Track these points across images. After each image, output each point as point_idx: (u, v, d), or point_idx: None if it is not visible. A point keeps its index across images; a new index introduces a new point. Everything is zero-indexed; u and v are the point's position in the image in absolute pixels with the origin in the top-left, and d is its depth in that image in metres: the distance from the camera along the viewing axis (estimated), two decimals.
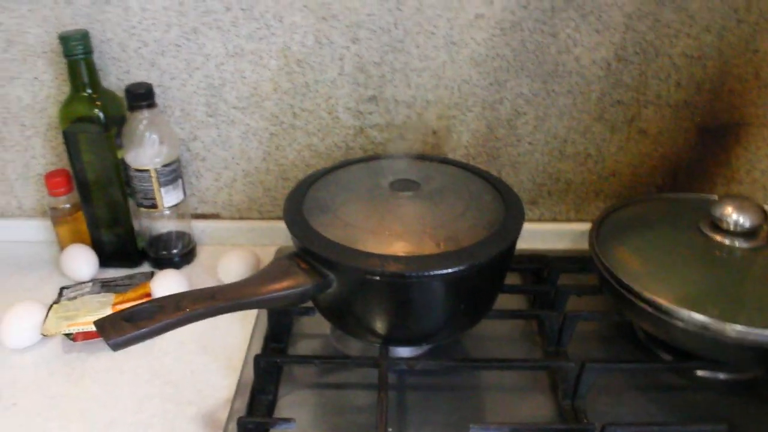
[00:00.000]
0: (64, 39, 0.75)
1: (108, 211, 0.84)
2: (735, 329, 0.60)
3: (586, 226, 0.84)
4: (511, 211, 0.67)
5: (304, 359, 0.69)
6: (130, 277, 0.84)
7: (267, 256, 0.86)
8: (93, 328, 0.72)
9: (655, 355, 0.72)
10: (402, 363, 0.66)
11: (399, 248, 0.61)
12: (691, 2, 0.75)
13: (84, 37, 0.75)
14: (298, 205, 0.67)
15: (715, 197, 0.75)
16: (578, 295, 0.76)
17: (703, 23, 0.77)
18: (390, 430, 0.64)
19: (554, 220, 0.90)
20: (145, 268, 0.87)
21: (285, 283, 0.61)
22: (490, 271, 0.64)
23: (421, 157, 0.76)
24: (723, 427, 0.59)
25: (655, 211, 0.77)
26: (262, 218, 0.91)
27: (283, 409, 0.66)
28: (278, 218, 0.91)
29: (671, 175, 0.86)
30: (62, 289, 0.82)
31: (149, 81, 0.81)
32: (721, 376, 0.69)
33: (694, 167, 0.86)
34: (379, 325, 0.64)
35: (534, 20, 0.77)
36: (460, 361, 0.68)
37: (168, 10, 0.78)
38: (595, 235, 0.73)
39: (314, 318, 0.73)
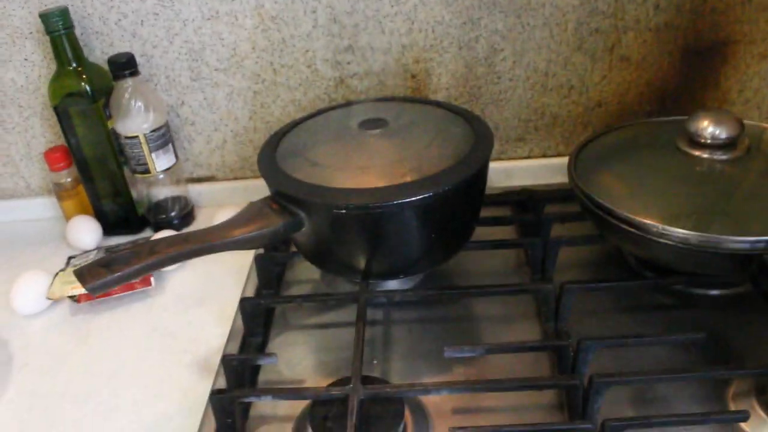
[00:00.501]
0: (45, 16, 0.79)
1: (106, 181, 0.88)
2: (713, 238, 0.60)
3: None
4: (479, 139, 0.68)
5: (287, 299, 0.72)
6: (132, 242, 0.89)
7: None
8: None
9: (639, 276, 0.72)
10: (381, 296, 0.69)
11: (366, 182, 0.63)
12: None
13: (63, 12, 0.79)
14: (270, 153, 0.70)
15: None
16: (561, 222, 0.77)
17: None
18: (375, 362, 0.66)
19: (544, 155, 0.90)
20: (147, 233, 0.92)
21: (256, 225, 0.63)
22: (459, 199, 0.65)
23: (394, 99, 0.78)
24: (701, 336, 0.59)
25: (634, 136, 0.77)
26: (255, 176, 0.94)
27: (272, 349, 0.69)
28: None
29: (659, 101, 0.86)
30: (69, 258, 0.87)
31: (132, 51, 0.85)
32: (706, 291, 0.69)
33: (681, 91, 0.85)
34: (354, 260, 0.67)
35: None
36: (438, 289, 0.70)
37: None
38: (573, 162, 0.73)
39: (305, 264, 0.76)
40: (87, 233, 0.89)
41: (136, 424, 0.64)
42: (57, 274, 0.83)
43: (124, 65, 0.81)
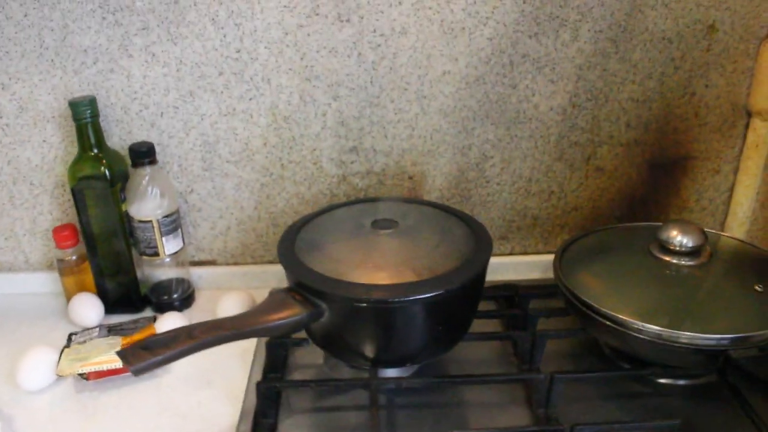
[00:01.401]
0: (74, 105, 0.86)
1: (112, 261, 0.94)
2: (685, 336, 0.71)
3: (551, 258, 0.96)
4: (480, 242, 0.78)
5: (301, 383, 0.78)
6: (134, 321, 0.94)
7: (261, 297, 0.96)
8: (104, 368, 0.83)
9: (619, 367, 0.82)
10: (390, 382, 0.77)
11: (382, 278, 0.72)
12: (633, 53, 0.89)
13: (92, 102, 0.87)
14: (290, 245, 0.78)
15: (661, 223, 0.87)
16: (547, 317, 0.87)
17: (645, 71, 0.90)
18: None
19: (524, 253, 1.01)
20: (148, 313, 0.97)
21: (282, 314, 0.71)
22: (464, 296, 0.75)
23: (397, 199, 0.88)
24: (677, 422, 0.69)
25: (611, 239, 0.89)
26: (255, 263, 1.02)
27: (282, 430, 0.76)
28: (270, 262, 1.02)
29: (628, 207, 0.98)
30: (71, 335, 0.92)
31: (150, 140, 0.93)
32: (677, 381, 0.79)
33: (647, 199, 0.98)
34: (367, 349, 0.75)
35: (495, 74, 0.90)
36: (442, 377, 0.78)
37: (167, 76, 0.90)
38: (558, 262, 0.84)
39: (308, 349, 0.84)
40: (90, 310, 0.94)
41: None
42: (62, 350, 0.87)
43: (145, 154, 0.89)
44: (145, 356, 0.64)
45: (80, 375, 0.83)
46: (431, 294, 0.70)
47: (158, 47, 0.88)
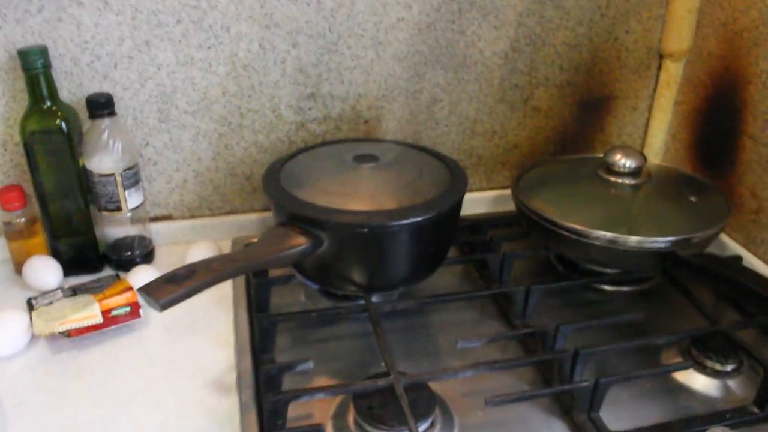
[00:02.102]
0: (24, 54, 0.84)
1: (67, 220, 0.93)
2: (636, 240, 0.83)
3: (496, 193, 1.09)
4: (454, 172, 0.86)
5: (302, 314, 0.83)
6: (97, 280, 0.93)
7: (225, 248, 0.99)
8: (85, 324, 0.82)
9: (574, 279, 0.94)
10: (386, 305, 0.83)
11: (376, 206, 0.78)
12: (566, 1, 1.00)
13: (43, 51, 0.85)
14: (276, 183, 0.82)
15: (599, 155, 0.99)
16: (508, 242, 0.97)
17: (577, 18, 1.02)
18: (382, 364, 0.80)
19: (469, 190, 1.10)
20: (107, 272, 0.96)
21: (288, 244, 0.75)
22: (450, 219, 0.82)
23: (366, 139, 0.94)
24: (641, 316, 0.81)
25: (557, 169, 1.01)
26: (213, 215, 1.03)
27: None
28: (228, 213, 1.04)
29: (560, 144, 1.10)
30: (30, 299, 0.89)
31: (102, 92, 0.91)
32: (631, 287, 0.92)
33: (577, 136, 1.10)
34: (363, 275, 0.81)
35: (445, 21, 0.98)
36: (436, 296, 0.85)
37: (121, 25, 0.89)
38: (516, 189, 0.94)
39: (287, 288, 0.89)
40: (48, 273, 0.91)
41: None
42: (30, 313, 0.85)
43: (104, 105, 0.88)
44: (170, 289, 0.66)
45: (61, 333, 0.82)
46: (425, 217, 0.77)
47: None
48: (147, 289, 0.66)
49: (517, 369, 0.78)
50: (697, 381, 0.77)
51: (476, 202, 1.09)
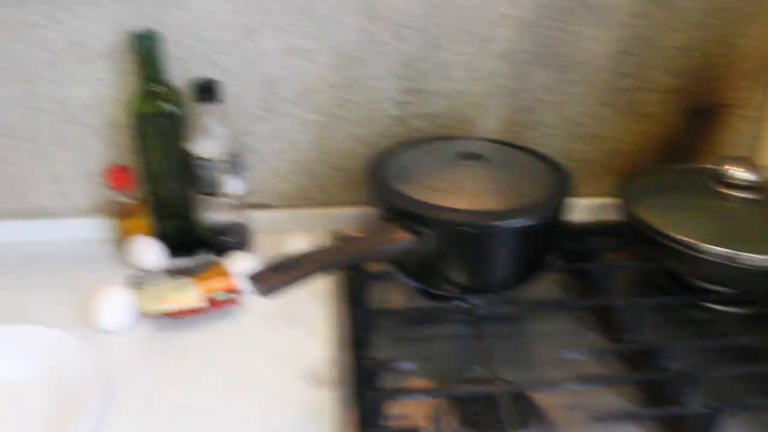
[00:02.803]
0: (138, 38, 0.85)
1: (170, 202, 0.94)
2: (753, 258, 0.79)
3: (600, 200, 1.04)
4: (562, 174, 0.84)
5: (402, 311, 0.82)
6: (196, 263, 0.94)
7: (320, 239, 0.99)
8: (187, 306, 0.84)
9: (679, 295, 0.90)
10: (487, 309, 0.81)
11: (480, 206, 0.76)
12: (680, 1, 0.96)
13: (156, 35, 0.86)
14: (381, 177, 0.81)
15: (708, 165, 0.95)
16: (614, 251, 0.94)
17: (690, 20, 0.97)
18: (476, 368, 0.78)
19: None
20: (205, 255, 0.97)
21: (391, 240, 0.75)
22: (556, 223, 0.80)
23: (470, 137, 0.92)
24: (756, 340, 0.77)
25: (662, 179, 0.96)
26: (309, 206, 1.04)
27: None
28: (324, 205, 1.04)
29: (666, 151, 1.06)
30: (133, 277, 0.91)
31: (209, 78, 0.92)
32: (739, 309, 0.88)
33: (684, 144, 1.06)
34: (464, 275, 0.79)
35: (552, 19, 0.95)
36: (538, 303, 0.84)
37: (231, 12, 0.90)
38: (623, 198, 0.91)
39: (382, 283, 0.89)
40: (151, 253, 0.94)
41: (267, 428, 0.71)
42: (135, 291, 0.87)
43: (210, 90, 0.89)
44: (277, 277, 0.67)
45: (164, 313, 0.83)
46: (534, 219, 0.75)
47: None
48: (254, 276, 0.66)
49: (620, 387, 0.76)
50: None
51: (579, 208, 1.06)
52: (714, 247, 0.80)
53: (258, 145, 0.98)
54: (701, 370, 0.71)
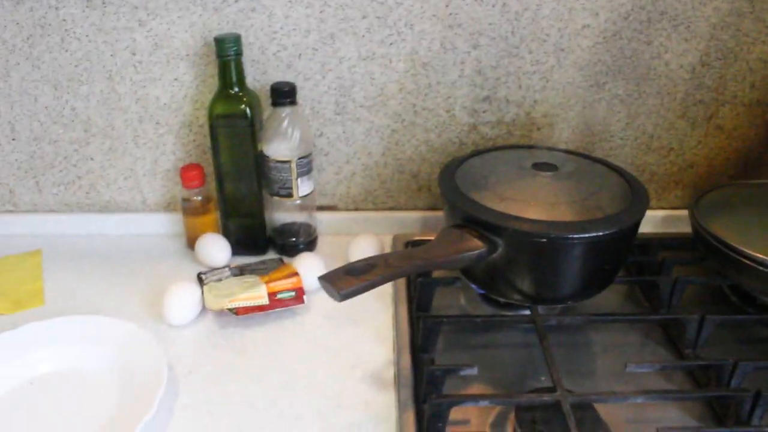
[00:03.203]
0: (220, 41, 0.88)
1: (240, 201, 0.97)
2: None
3: (666, 213, 1.04)
4: (636, 188, 0.83)
5: (466, 317, 0.82)
6: (262, 262, 0.97)
7: (386, 242, 1.00)
8: (252, 303, 0.86)
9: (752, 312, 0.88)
10: (553, 318, 0.81)
11: (555, 217, 0.76)
12: (766, 13, 0.94)
13: (237, 39, 0.89)
14: (453, 184, 0.82)
15: None
16: (681, 265, 0.92)
17: None
18: (543, 378, 0.78)
19: None
20: (271, 254, 1.00)
21: (464, 246, 0.75)
22: (629, 237, 0.80)
23: (543, 147, 0.92)
24: None
25: (737, 194, 0.95)
26: (376, 209, 1.05)
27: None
28: (391, 209, 1.06)
29: (742, 166, 1.04)
30: (200, 274, 0.94)
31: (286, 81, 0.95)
32: None
33: (762, 159, 1.04)
34: (533, 285, 0.79)
35: (632, 30, 0.94)
36: (604, 315, 0.83)
37: (309, 17, 0.92)
38: (696, 212, 0.89)
39: (447, 289, 0.89)
40: (219, 251, 0.96)
41: (328, 429, 0.72)
42: (202, 287, 0.89)
43: (287, 94, 0.91)
44: (350, 281, 0.68)
45: (230, 310, 0.86)
46: (606, 232, 0.75)
47: None
48: (328, 278, 0.68)
49: (685, 402, 0.75)
50: None
51: (645, 221, 1.04)
52: None
53: (329, 147, 1.01)
54: None
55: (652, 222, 1.06)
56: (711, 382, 0.76)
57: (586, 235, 0.74)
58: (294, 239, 1.00)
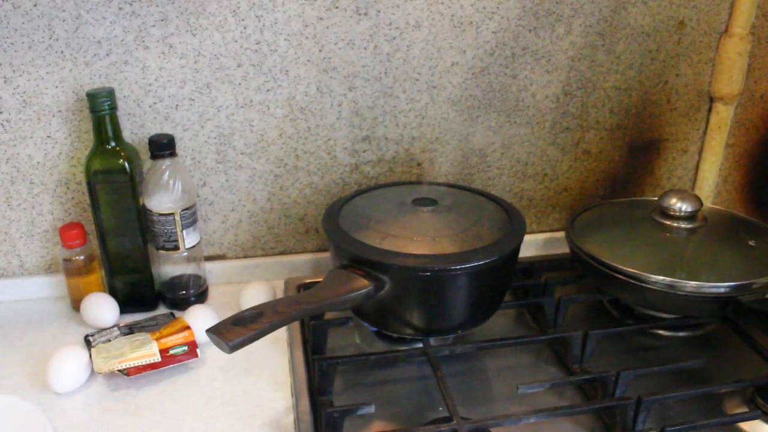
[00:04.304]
0: (93, 96, 0.87)
1: (125, 258, 0.95)
2: (694, 285, 0.83)
3: (546, 236, 1.08)
4: (512, 215, 0.87)
5: (360, 356, 0.83)
6: (153, 318, 0.94)
7: (278, 288, 1.00)
8: (144, 362, 0.84)
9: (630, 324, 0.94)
10: (444, 349, 0.83)
11: (438, 250, 0.79)
12: (617, 45, 1.01)
13: (110, 94, 0.88)
14: (336, 225, 0.83)
15: (652, 198, 1.00)
16: (562, 285, 0.97)
17: (627, 62, 1.03)
18: (440, 408, 0.80)
19: None
20: (162, 310, 0.98)
21: (351, 287, 0.76)
22: (510, 262, 0.83)
23: (422, 182, 0.95)
24: (702, 362, 0.80)
25: (610, 212, 1.01)
26: (266, 255, 1.05)
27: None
28: (281, 254, 1.05)
29: (610, 187, 1.11)
30: (87, 336, 0.91)
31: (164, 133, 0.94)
32: (675, 333, 0.92)
33: (627, 179, 1.11)
34: (423, 318, 0.81)
35: (498, 65, 0.99)
36: (492, 341, 0.85)
37: (184, 68, 0.92)
38: (571, 233, 0.94)
39: (341, 329, 0.90)
40: (106, 310, 0.93)
41: None
42: (89, 350, 0.86)
43: (166, 146, 0.90)
44: (239, 332, 0.68)
45: (120, 371, 0.83)
46: (487, 260, 0.78)
47: (176, 38, 0.91)
48: (216, 330, 0.67)
49: (577, 416, 0.78)
50: (765, 431, 0.76)
51: (527, 245, 1.08)
52: (656, 276, 0.84)
53: (213, 197, 1.00)
54: (651, 394, 0.74)
55: (534, 245, 1.11)
56: (598, 394, 0.80)
57: (468, 265, 0.77)
58: (184, 292, 0.98)
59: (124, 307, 0.96)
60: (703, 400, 0.80)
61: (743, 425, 0.77)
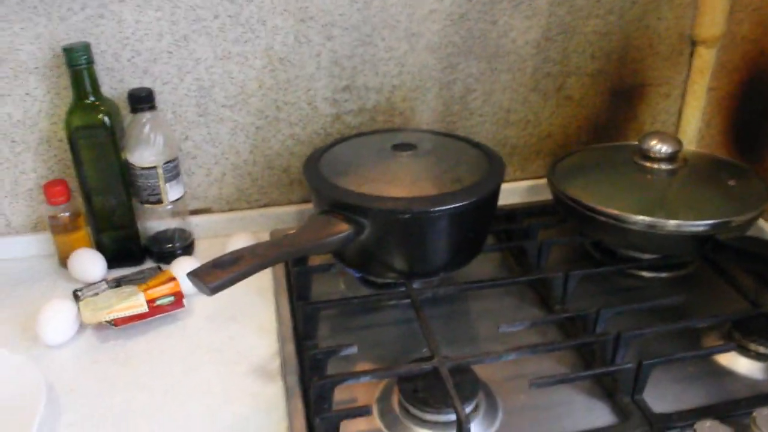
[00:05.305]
0: (69, 51, 0.86)
1: (111, 213, 0.95)
2: (676, 224, 0.83)
3: (530, 183, 1.09)
4: (493, 158, 0.87)
5: (343, 300, 0.84)
6: (140, 272, 0.94)
7: (263, 240, 1.00)
8: (130, 313, 0.84)
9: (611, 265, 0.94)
10: (427, 291, 0.84)
11: (417, 193, 0.79)
12: None
13: (87, 48, 0.87)
14: (317, 172, 0.84)
15: (634, 142, 1.00)
16: (545, 229, 0.97)
17: (607, 6, 1.02)
18: (424, 350, 0.81)
19: (504, 180, 1.11)
20: (149, 264, 0.98)
21: (331, 231, 0.77)
22: (490, 204, 0.84)
23: (403, 129, 0.95)
24: (681, 299, 0.81)
25: (592, 156, 1.01)
26: (251, 207, 1.05)
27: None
28: (266, 206, 1.06)
29: (593, 132, 1.11)
30: (76, 291, 0.91)
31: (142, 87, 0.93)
32: (664, 274, 0.93)
33: (609, 124, 1.11)
34: (405, 261, 0.82)
35: (477, 11, 0.98)
36: (475, 282, 0.86)
37: (160, 21, 0.91)
38: (553, 178, 0.95)
39: (326, 275, 0.91)
40: (93, 265, 0.94)
41: (217, 425, 0.72)
42: (78, 303, 0.87)
43: (145, 99, 0.90)
44: (219, 274, 0.68)
45: (108, 322, 0.84)
46: (467, 201, 0.78)
47: None
48: (196, 273, 0.68)
49: (558, 353, 0.79)
50: (741, 364, 0.77)
51: (511, 192, 1.10)
52: (637, 216, 0.84)
53: (196, 150, 1.00)
54: (630, 330, 0.74)
55: (518, 193, 1.11)
56: (579, 332, 0.81)
57: (447, 207, 0.77)
58: (170, 246, 0.98)
59: (112, 262, 0.96)
60: (681, 336, 0.80)
61: (720, 359, 0.78)
